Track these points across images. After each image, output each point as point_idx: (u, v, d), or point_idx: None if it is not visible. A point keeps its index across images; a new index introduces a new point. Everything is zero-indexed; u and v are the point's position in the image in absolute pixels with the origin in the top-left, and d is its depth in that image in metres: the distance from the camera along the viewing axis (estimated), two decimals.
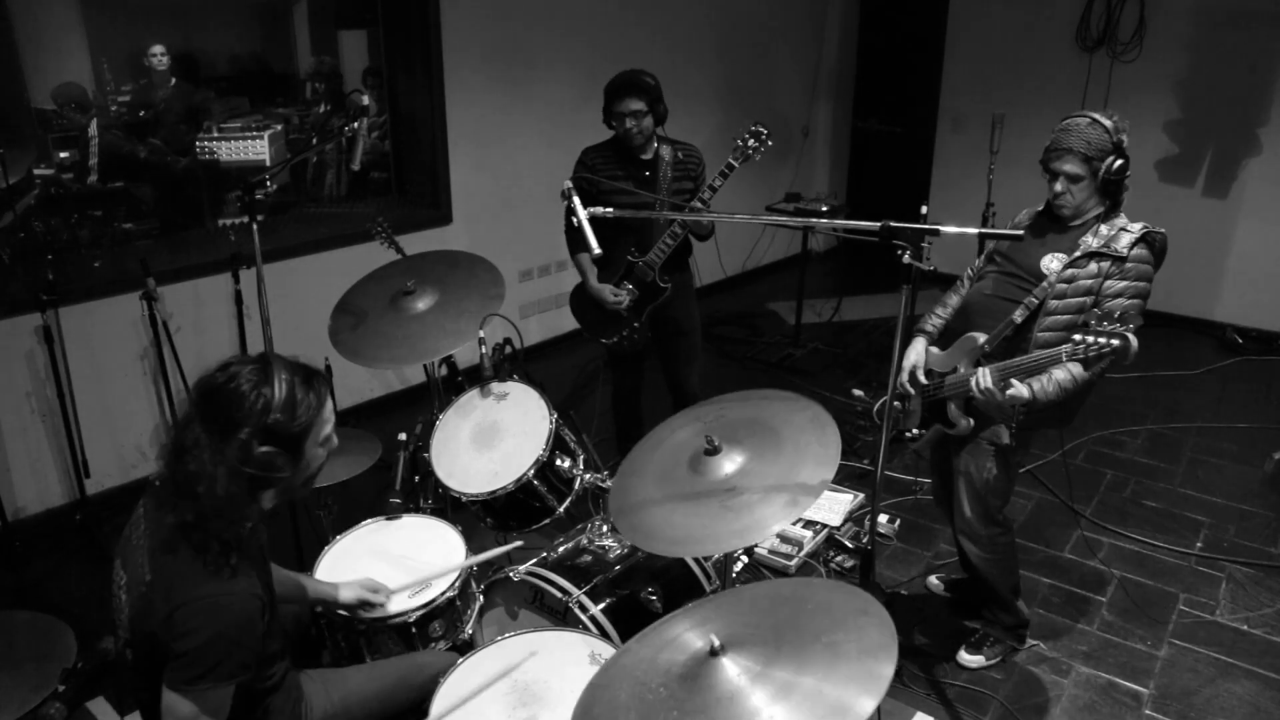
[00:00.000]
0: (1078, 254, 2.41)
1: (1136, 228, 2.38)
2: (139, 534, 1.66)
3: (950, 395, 2.58)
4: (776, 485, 1.81)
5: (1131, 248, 2.35)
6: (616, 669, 1.54)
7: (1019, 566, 2.87)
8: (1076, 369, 2.31)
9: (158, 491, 1.66)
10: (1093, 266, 2.39)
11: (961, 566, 3.00)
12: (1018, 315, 2.47)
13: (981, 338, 2.51)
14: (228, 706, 1.59)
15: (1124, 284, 2.36)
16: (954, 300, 2.76)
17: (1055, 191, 2.43)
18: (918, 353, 2.71)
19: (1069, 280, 2.40)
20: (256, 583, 1.62)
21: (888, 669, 1.32)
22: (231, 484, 1.54)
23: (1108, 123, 2.35)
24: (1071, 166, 2.37)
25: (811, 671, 1.36)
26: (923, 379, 2.68)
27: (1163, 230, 2.40)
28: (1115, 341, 2.04)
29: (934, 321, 2.77)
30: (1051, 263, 2.45)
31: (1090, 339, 2.08)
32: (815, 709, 1.30)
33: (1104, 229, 2.41)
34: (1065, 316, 2.41)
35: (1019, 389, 2.35)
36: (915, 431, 2.73)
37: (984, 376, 2.40)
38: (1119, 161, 2.34)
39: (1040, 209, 2.60)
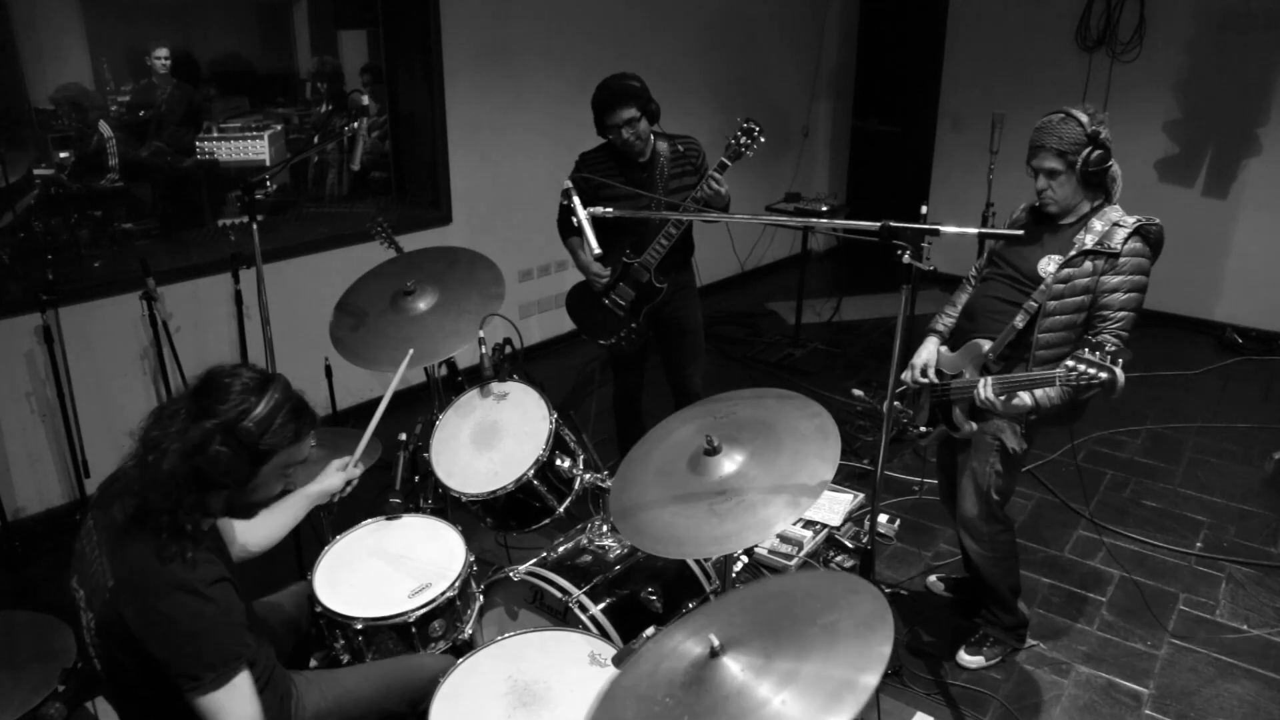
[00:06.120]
0: (1073, 253, 2.42)
1: (1130, 221, 2.38)
2: (91, 544, 1.65)
3: (956, 399, 2.59)
4: (775, 487, 1.81)
5: (1125, 242, 2.36)
6: (618, 690, 1.54)
7: (1019, 566, 2.88)
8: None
9: (104, 494, 1.69)
10: (1088, 265, 2.39)
11: (964, 565, 3.01)
12: (1019, 321, 2.48)
13: (986, 345, 2.53)
14: (253, 688, 1.61)
15: (1119, 279, 2.37)
16: (962, 299, 2.78)
17: (1039, 188, 2.47)
18: (930, 351, 2.73)
19: (1065, 280, 2.41)
20: (222, 567, 1.64)
21: (886, 645, 1.33)
22: (178, 463, 1.57)
23: (1083, 117, 2.36)
24: (1049, 163, 2.40)
25: (813, 655, 1.36)
26: (934, 377, 2.69)
27: (1158, 222, 2.40)
28: (1103, 375, 2.05)
29: (944, 321, 2.79)
30: (1049, 265, 2.46)
31: (1081, 368, 2.09)
32: (822, 688, 1.31)
33: (1097, 224, 2.41)
34: (1064, 317, 2.42)
35: (1022, 398, 2.38)
36: (923, 429, 2.74)
37: (986, 388, 2.42)
38: (1096, 152, 2.36)
39: (1032, 206, 2.61)
